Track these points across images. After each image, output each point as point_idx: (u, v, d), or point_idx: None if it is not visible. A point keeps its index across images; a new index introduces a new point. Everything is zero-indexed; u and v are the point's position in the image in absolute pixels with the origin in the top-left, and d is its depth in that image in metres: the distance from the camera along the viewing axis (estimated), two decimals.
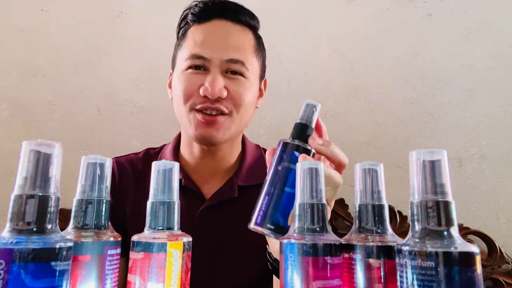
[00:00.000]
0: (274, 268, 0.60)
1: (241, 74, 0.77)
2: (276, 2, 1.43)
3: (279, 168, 0.49)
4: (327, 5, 1.43)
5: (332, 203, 0.55)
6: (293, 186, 0.45)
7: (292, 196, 0.44)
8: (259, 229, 0.48)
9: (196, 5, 0.81)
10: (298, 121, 0.53)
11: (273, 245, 0.58)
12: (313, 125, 0.53)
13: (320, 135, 0.57)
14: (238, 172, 0.84)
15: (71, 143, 1.30)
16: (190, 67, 0.76)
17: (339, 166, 0.54)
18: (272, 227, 0.47)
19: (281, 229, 0.47)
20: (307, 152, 0.50)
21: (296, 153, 0.49)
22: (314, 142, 0.51)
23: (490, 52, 1.38)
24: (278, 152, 0.50)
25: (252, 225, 0.49)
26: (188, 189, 0.81)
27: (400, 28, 1.41)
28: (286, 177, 0.48)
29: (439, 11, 1.41)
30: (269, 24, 1.34)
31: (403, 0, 1.42)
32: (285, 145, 0.50)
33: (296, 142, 0.50)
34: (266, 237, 0.59)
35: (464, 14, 1.41)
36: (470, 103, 1.36)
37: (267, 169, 0.51)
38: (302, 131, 0.51)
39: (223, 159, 0.85)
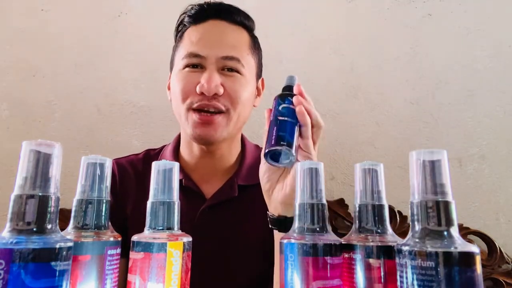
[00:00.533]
0: (279, 224, 0.63)
1: (237, 71, 0.78)
2: (276, 2, 1.43)
3: (279, 108, 0.61)
4: (327, 5, 1.43)
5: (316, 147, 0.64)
6: (293, 117, 0.59)
7: (293, 124, 0.59)
8: (274, 148, 0.56)
9: (191, 8, 0.83)
10: (285, 85, 0.68)
11: (272, 202, 0.64)
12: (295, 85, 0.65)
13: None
14: (238, 172, 0.84)
15: (71, 143, 1.30)
16: (187, 66, 0.77)
17: (317, 127, 0.63)
18: (284, 142, 0.56)
19: (291, 145, 0.57)
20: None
21: (290, 98, 0.62)
22: (299, 87, 0.64)
23: (490, 52, 1.38)
24: (276, 102, 0.64)
25: (266, 151, 0.58)
26: (189, 189, 0.81)
27: (400, 28, 1.41)
28: (284, 111, 0.60)
29: (439, 11, 1.41)
30: (269, 24, 1.35)
31: (403, 0, 1.42)
32: (281, 95, 0.65)
33: (289, 93, 0.64)
34: (265, 198, 0.66)
35: (464, 14, 1.41)
36: (470, 103, 1.36)
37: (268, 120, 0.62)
38: (290, 89, 0.65)
39: (222, 159, 0.85)
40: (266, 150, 0.58)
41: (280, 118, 0.59)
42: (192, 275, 0.42)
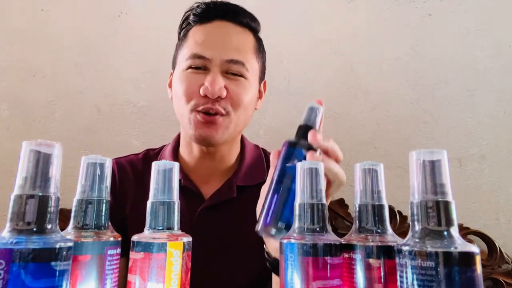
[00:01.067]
0: (273, 266, 0.59)
1: (241, 75, 0.77)
2: (276, 2, 1.43)
3: (287, 166, 0.49)
4: (327, 5, 1.43)
5: (328, 201, 0.56)
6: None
7: None
8: (269, 229, 0.47)
9: (198, 6, 0.81)
10: (303, 123, 0.53)
11: (271, 244, 0.58)
12: (317, 128, 0.53)
13: None
14: (237, 172, 0.84)
15: (71, 143, 1.30)
16: (190, 67, 0.77)
17: (336, 162, 0.55)
18: (283, 226, 0.47)
19: (290, 228, 0.46)
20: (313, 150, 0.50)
21: (303, 151, 0.50)
22: (315, 138, 0.51)
23: (490, 52, 1.38)
24: (284, 152, 0.51)
25: (260, 227, 0.48)
26: (187, 189, 0.81)
27: (400, 28, 1.41)
28: (294, 175, 0.48)
29: (439, 11, 1.41)
30: (269, 24, 1.34)
31: (403, 0, 1.42)
32: (292, 144, 0.51)
33: (302, 141, 0.51)
34: (264, 237, 0.58)
35: (464, 14, 1.41)
36: (470, 103, 1.36)
37: (273, 170, 0.52)
38: (306, 132, 0.52)
39: (222, 160, 0.85)
40: (259, 228, 0.48)
41: (285, 182, 0.48)
42: (191, 275, 0.42)
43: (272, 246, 0.58)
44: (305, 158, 0.49)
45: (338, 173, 0.53)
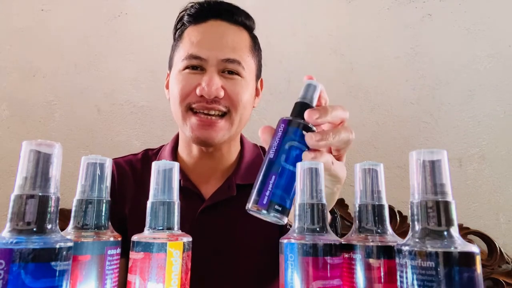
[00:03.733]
0: None
1: (238, 74, 0.77)
2: (276, 2, 1.43)
3: (284, 146, 0.46)
4: (327, 5, 1.43)
5: (336, 197, 0.55)
6: (296, 161, 0.44)
7: (295, 176, 0.43)
8: (264, 211, 0.44)
9: (192, 6, 0.82)
10: (299, 100, 0.50)
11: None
12: (314, 105, 0.51)
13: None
14: (237, 171, 0.84)
15: (71, 143, 1.30)
16: (187, 67, 0.77)
17: (344, 147, 0.53)
18: (279, 208, 0.44)
19: (285, 211, 0.45)
20: (310, 130, 0.48)
21: (300, 131, 0.47)
22: (311, 116, 0.47)
23: (490, 52, 1.38)
24: (281, 130, 0.48)
25: (252, 206, 0.45)
26: (187, 189, 0.81)
27: (400, 28, 1.41)
28: (291, 155, 0.46)
29: (439, 11, 1.41)
30: (269, 24, 1.35)
31: (403, 0, 1.42)
32: (289, 123, 0.48)
33: (299, 119, 0.48)
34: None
35: (464, 14, 1.41)
36: (470, 103, 1.36)
37: (267, 148, 0.49)
38: (303, 109, 0.49)
39: (221, 159, 0.85)
40: (250, 206, 0.45)
41: (283, 164, 0.45)
42: (192, 274, 0.42)
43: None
44: (301, 137, 0.46)
45: (338, 173, 0.51)
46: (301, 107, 0.50)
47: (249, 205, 0.45)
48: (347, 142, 0.52)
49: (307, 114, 0.48)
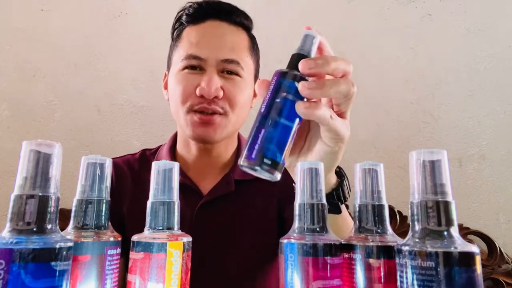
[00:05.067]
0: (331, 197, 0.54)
1: (237, 74, 0.78)
2: (276, 2, 1.43)
3: (276, 99, 0.44)
4: (327, 5, 1.43)
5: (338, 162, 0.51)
6: (289, 118, 0.43)
7: (288, 129, 0.42)
8: (254, 165, 0.42)
9: (190, 6, 0.82)
10: (296, 52, 0.48)
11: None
12: (312, 56, 0.48)
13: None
14: (234, 167, 0.85)
15: (71, 143, 1.30)
16: (186, 68, 0.77)
17: (346, 102, 0.48)
18: (269, 162, 0.42)
19: (276, 165, 0.42)
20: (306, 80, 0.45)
21: (295, 83, 0.44)
22: (305, 67, 0.44)
23: (490, 52, 1.38)
24: (274, 83, 0.45)
25: (244, 161, 0.43)
26: (185, 186, 0.81)
27: (400, 28, 1.41)
28: (284, 108, 0.43)
29: (439, 11, 1.41)
30: (269, 24, 1.35)
31: (403, 0, 1.42)
32: (283, 74, 0.45)
33: (294, 71, 0.45)
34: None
35: (464, 14, 1.41)
36: (470, 103, 1.36)
37: (262, 102, 0.46)
38: (299, 61, 0.45)
39: (219, 156, 0.86)
40: (242, 162, 0.43)
41: (273, 116, 0.43)
42: (192, 270, 0.42)
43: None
44: (296, 90, 0.43)
45: (338, 129, 0.47)
46: (297, 58, 0.46)
47: (240, 161, 0.43)
48: (347, 95, 0.48)
49: (301, 64, 0.44)
